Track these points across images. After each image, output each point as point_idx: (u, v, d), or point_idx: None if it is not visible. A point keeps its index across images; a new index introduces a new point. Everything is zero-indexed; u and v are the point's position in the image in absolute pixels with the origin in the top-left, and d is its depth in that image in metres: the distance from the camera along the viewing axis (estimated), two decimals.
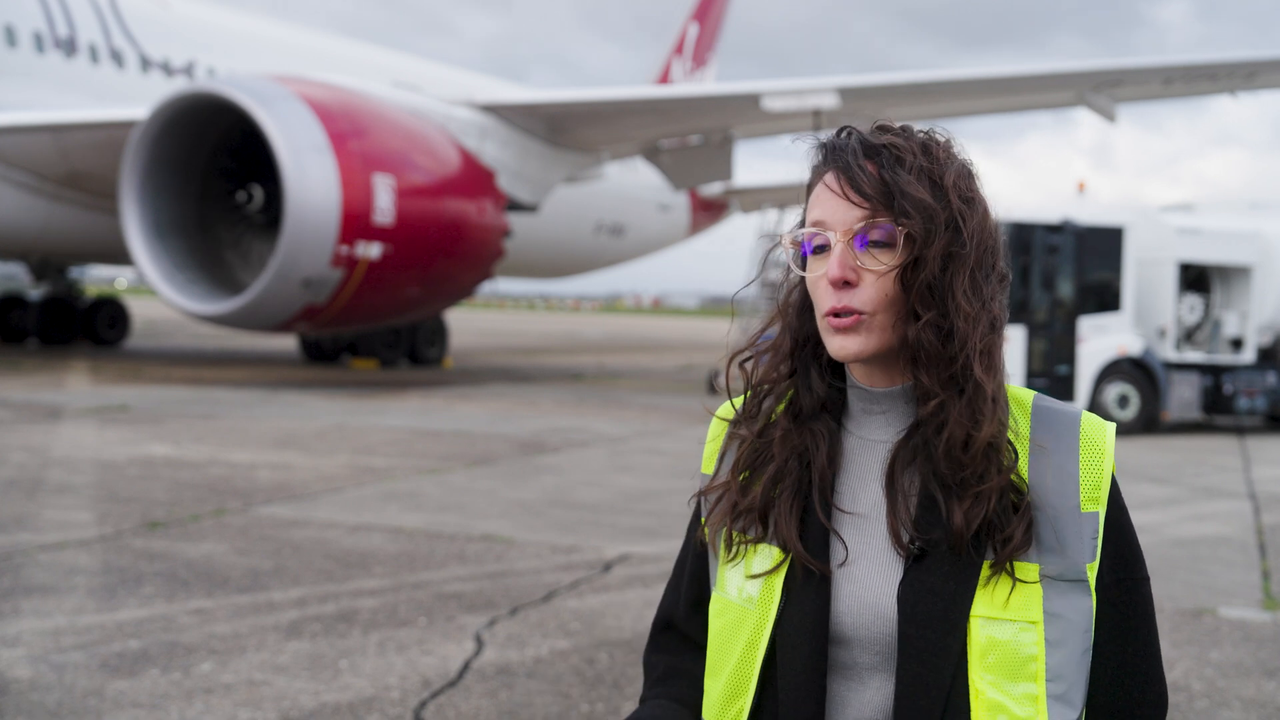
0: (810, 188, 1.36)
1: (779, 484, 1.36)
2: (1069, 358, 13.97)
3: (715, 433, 1.49)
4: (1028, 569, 1.26)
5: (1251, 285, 14.66)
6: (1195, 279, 14.90)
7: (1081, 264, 14.03)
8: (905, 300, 1.29)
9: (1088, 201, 15.90)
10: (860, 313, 1.29)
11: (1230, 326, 14.80)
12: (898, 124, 1.34)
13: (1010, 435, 1.30)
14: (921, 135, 1.33)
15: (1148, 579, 1.35)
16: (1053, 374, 13.85)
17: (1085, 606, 1.27)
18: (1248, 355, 14.75)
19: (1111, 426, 1.35)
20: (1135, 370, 14.07)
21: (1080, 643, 1.27)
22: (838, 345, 1.30)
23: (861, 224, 1.28)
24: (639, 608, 5.39)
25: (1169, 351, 14.40)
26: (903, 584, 1.27)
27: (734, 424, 1.45)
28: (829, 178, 1.32)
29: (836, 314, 1.29)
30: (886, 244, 1.28)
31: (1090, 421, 1.33)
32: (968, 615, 1.25)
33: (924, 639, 1.25)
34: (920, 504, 1.29)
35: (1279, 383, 14.82)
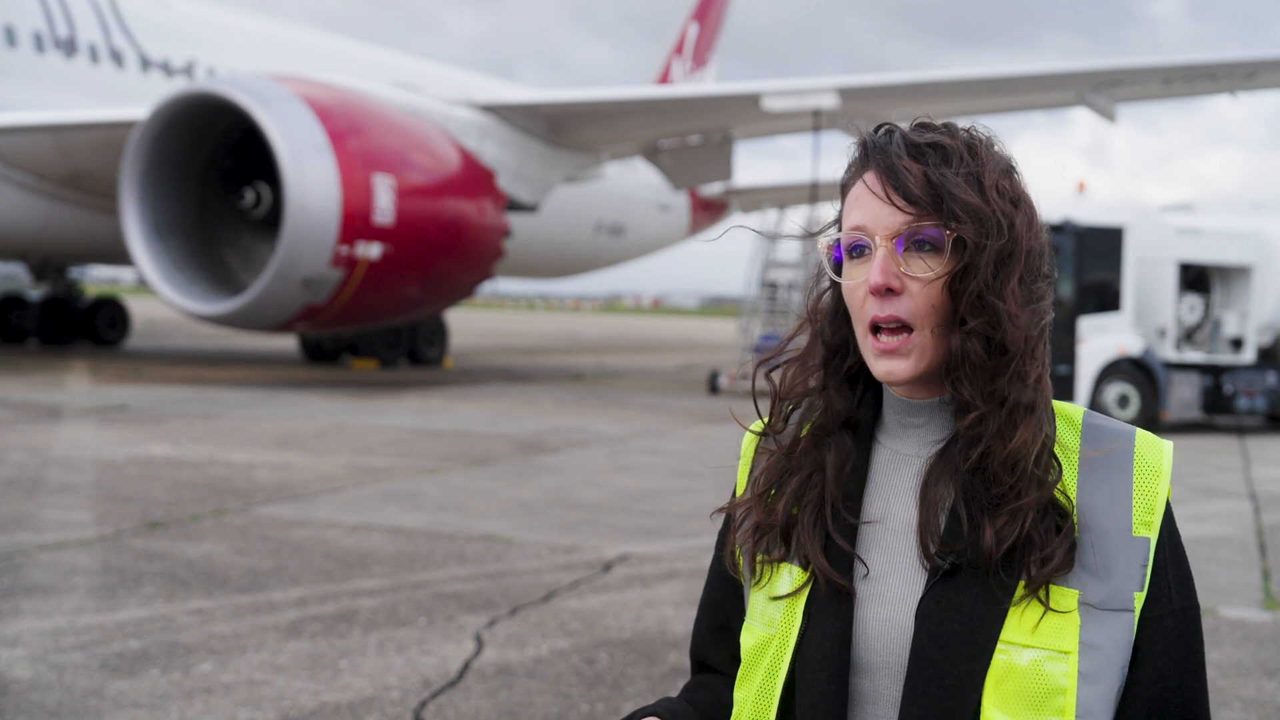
0: (846, 187, 1.28)
1: (802, 499, 1.29)
2: (1069, 358, 13.97)
3: (746, 450, 1.41)
4: (1066, 595, 1.17)
5: (1251, 285, 14.66)
6: (1195, 279, 14.90)
7: (1081, 264, 14.03)
8: (952, 309, 1.21)
9: (1087, 201, 15.92)
10: (907, 327, 1.21)
11: (1230, 326, 14.80)
12: (940, 121, 1.26)
13: (1057, 450, 1.23)
14: (965, 134, 1.25)
15: (1199, 609, 1.24)
16: (1053, 374, 13.81)
17: (1125, 640, 1.18)
18: (1248, 355, 14.75)
19: (1169, 446, 1.26)
20: (1135, 370, 14.07)
21: (1116, 679, 1.18)
22: (885, 369, 1.22)
23: (905, 228, 1.20)
24: (639, 608, 5.39)
25: (1169, 351, 14.40)
26: (924, 600, 1.19)
27: (762, 436, 1.38)
28: (869, 178, 1.24)
29: (880, 329, 1.22)
30: (931, 250, 1.20)
31: (1146, 440, 1.25)
32: (996, 639, 1.16)
33: (946, 661, 1.16)
34: (950, 518, 1.21)
35: (1279, 383, 14.83)
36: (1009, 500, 1.19)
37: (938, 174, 1.20)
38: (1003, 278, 1.21)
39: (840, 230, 1.28)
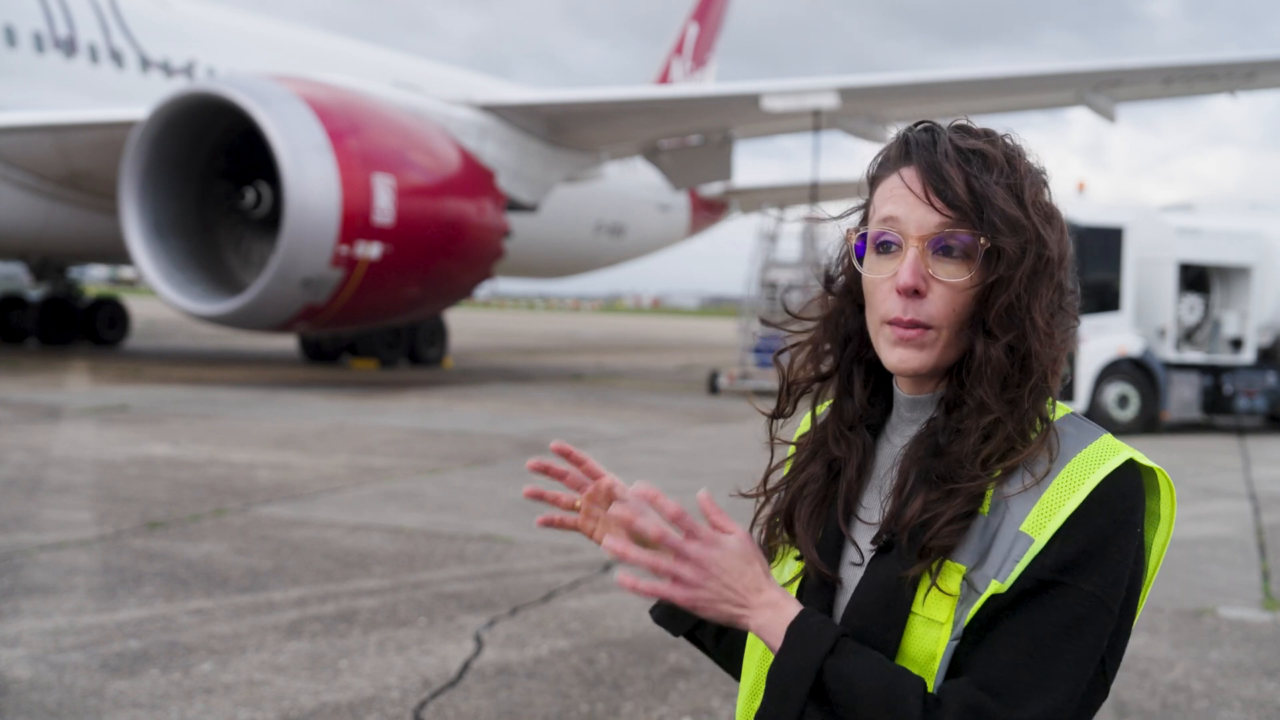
0: (876, 180, 1.29)
1: (804, 491, 1.35)
2: (1069, 358, 13.95)
3: (802, 429, 1.44)
4: (954, 570, 1.18)
5: (1251, 285, 14.66)
6: (1195, 279, 14.89)
7: (1081, 264, 13.89)
8: (973, 315, 1.22)
9: (1087, 201, 15.92)
10: (927, 327, 1.22)
11: (1230, 326, 14.80)
12: (979, 127, 1.27)
13: None
14: (1003, 143, 1.26)
15: (1092, 594, 1.16)
16: None
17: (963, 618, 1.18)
18: (1247, 355, 14.75)
19: (1110, 465, 1.19)
20: (1135, 370, 14.07)
21: (949, 656, 1.18)
22: (898, 358, 1.24)
23: (940, 230, 1.21)
24: (639, 608, 5.38)
25: (1169, 351, 14.39)
26: (864, 575, 1.25)
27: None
28: (909, 174, 1.24)
29: (899, 323, 1.23)
30: (961, 256, 1.21)
31: (1091, 454, 1.21)
32: (909, 612, 1.20)
33: (866, 630, 1.21)
34: (902, 497, 1.25)
35: (1279, 383, 14.83)
36: (952, 480, 1.20)
37: (980, 182, 1.21)
38: (1033, 291, 1.23)
39: (865, 220, 1.29)
